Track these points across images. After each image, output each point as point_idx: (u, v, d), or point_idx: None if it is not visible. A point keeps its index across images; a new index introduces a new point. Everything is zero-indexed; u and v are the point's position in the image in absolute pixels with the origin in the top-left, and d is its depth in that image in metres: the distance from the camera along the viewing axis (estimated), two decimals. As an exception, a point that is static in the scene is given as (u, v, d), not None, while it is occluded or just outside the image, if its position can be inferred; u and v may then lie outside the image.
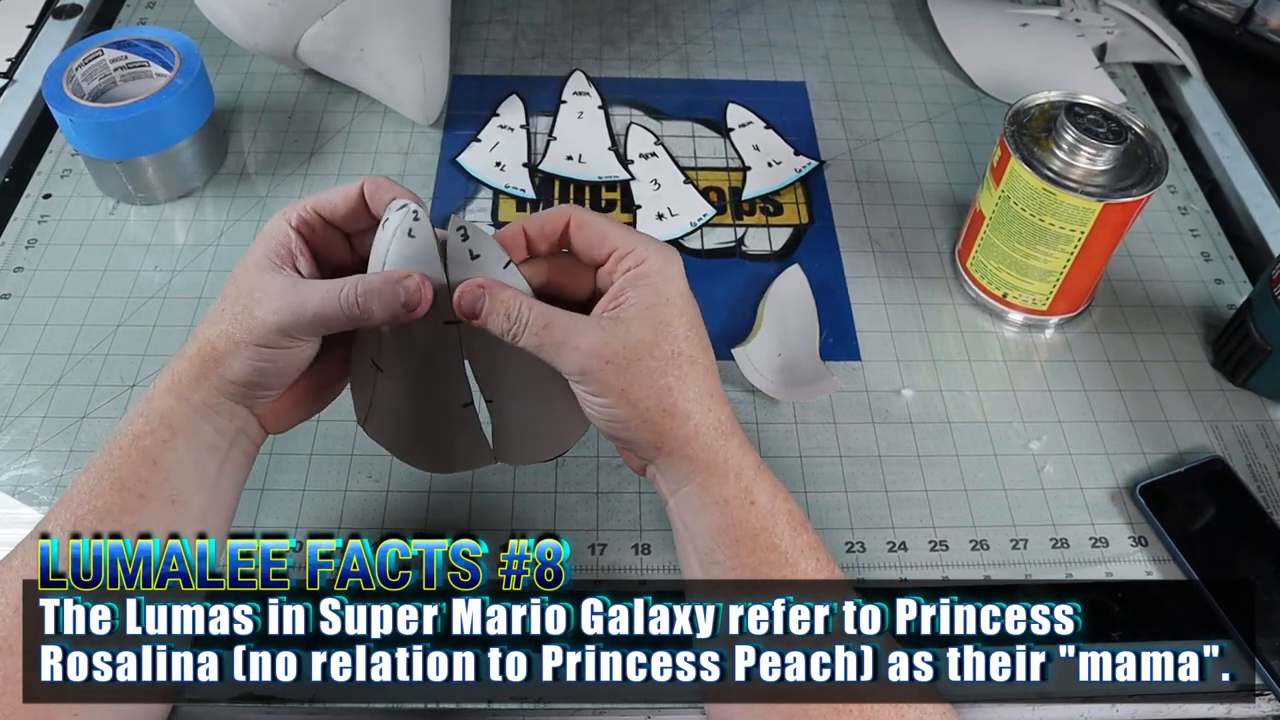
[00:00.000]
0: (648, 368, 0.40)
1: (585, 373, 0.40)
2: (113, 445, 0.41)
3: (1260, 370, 0.59)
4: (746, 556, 0.40)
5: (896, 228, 0.69)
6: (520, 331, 0.40)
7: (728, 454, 0.41)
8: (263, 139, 0.73)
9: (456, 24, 0.80)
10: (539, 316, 0.40)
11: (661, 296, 0.41)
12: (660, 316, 0.40)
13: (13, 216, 0.67)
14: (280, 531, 0.42)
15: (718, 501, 0.41)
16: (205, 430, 0.42)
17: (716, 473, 0.41)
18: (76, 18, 0.81)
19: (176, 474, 0.41)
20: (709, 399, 0.41)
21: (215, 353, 0.41)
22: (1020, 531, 0.54)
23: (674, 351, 0.40)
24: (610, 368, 0.39)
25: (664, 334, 0.40)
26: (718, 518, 0.41)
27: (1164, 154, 0.58)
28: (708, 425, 0.41)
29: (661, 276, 0.41)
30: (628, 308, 0.40)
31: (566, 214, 0.43)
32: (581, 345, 0.40)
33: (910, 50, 0.83)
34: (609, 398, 0.40)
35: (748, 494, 0.41)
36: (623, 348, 0.40)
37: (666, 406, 0.40)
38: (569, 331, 0.40)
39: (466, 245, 0.41)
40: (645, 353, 0.40)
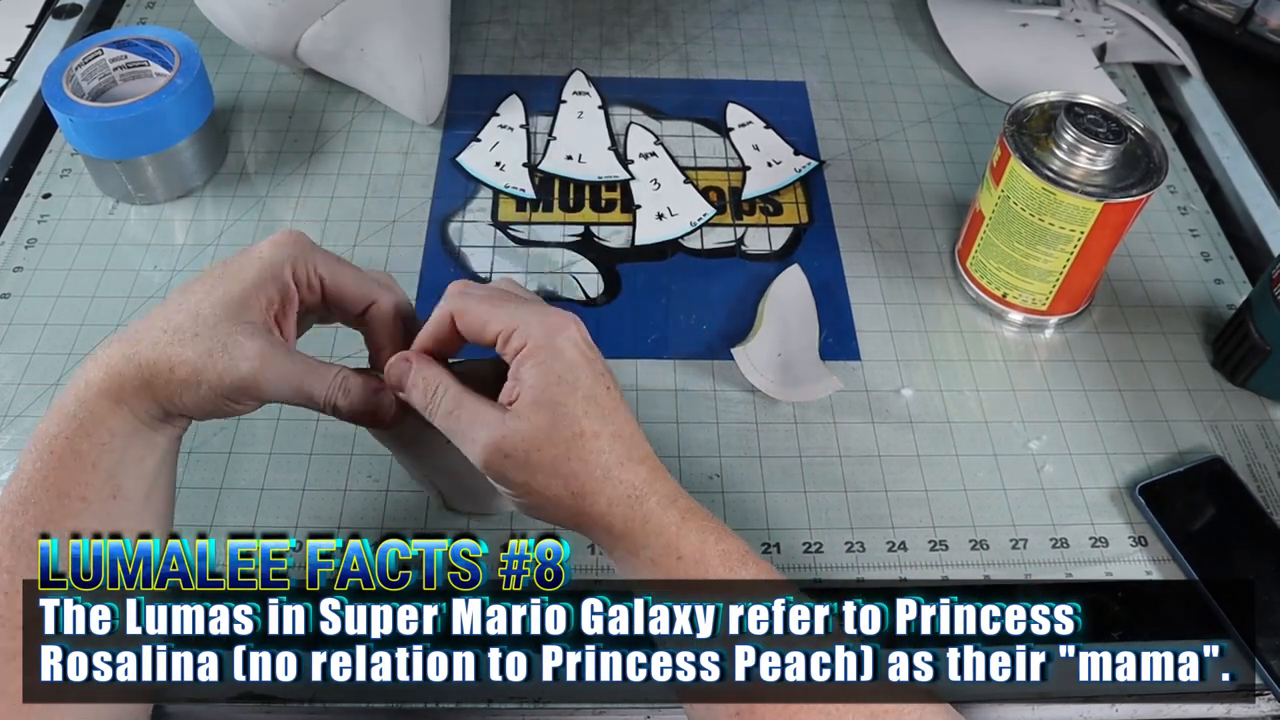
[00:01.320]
0: (549, 457, 0.39)
1: (487, 465, 0.40)
2: (43, 449, 0.40)
3: (1260, 370, 0.59)
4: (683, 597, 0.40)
5: (896, 228, 0.69)
6: (435, 411, 0.41)
7: (645, 518, 0.40)
8: (263, 139, 0.73)
9: (456, 24, 0.80)
10: (450, 400, 0.41)
11: (552, 375, 0.40)
12: (553, 398, 0.39)
13: (12, 216, 0.67)
14: (280, 531, 0.42)
15: (644, 562, 0.41)
16: (143, 431, 0.41)
17: (636, 539, 0.40)
18: (76, 17, 0.81)
19: (118, 472, 0.40)
20: (617, 469, 0.40)
21: (173, 376, 0.40)
22: (1020, 531, 0.54)
23: (572, 434, 0.40)
24: (510, 462, 0.39)
25: (560, 417, 0.39)
26: (649, 573, 0.41)
27: (1164, 154, 0.58)
28: (619, 496, 0.40)
29: (548, 352, 0.40)
30: (523, 394, 0.40)
31: (447, 311, 0.42)
32: (480, 440, 0.40)
33: (910, 50, 0.83)
34: (514, 488, 0.40)
35: (672, 550, 0.40)
36: (520, 441, 0.39)
37: (574, 489, 0.40)
38: (471, 423, 0.40)
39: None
40: (544, 442, 0.39)
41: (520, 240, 0.67)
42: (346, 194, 0.69)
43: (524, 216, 0.69)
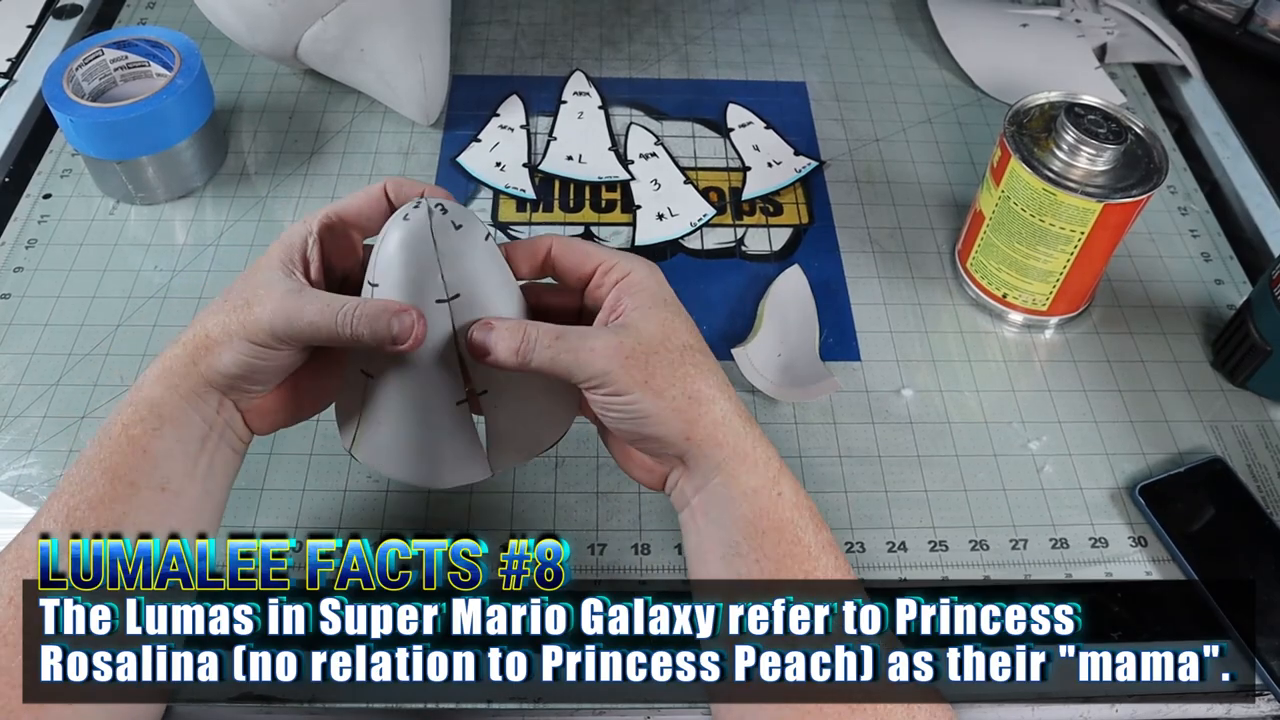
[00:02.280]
0: (666, 359, 0.40)
1: (607, 372, 0.40)
2: (103, 435, 0.41)
3: (1260, 370, 0.59)
4: (772, 548, 0.40)
5: (896, 228, 0.69)
6: (531, 349, 0.40)
7: (754, 441, 0.41)
8: (263, 139, 0.73)
9: (456, 24, 0.80)
10: (548, 330, 0.41)
11: (658, 300, 0.42)
12: (662, 317, 0.41)
13: (13, 216, 0.67)
14: (280, 531, 0.42)
15: (746, 492, 0.41)
16: (193, 419, 0.42)
17: (746, 460, 0.41)
18: (76, 18, 0.81)
19: (166, 462, 0.41)
20: (726, 387, 0.42)
21: (209, 341, 0.41)
22: (1020, 531, 0.54)
23: (685, 344, 0.41)
24: (631, 362, 0.40)
25: (671, 331, 0.41)
26: (745, 509, 0.41)
27: (1164, 154, 0.58)
28: (733, 411, 0.41)
29: (653, 282, 0.43)
30: (629, 313, 0.41)
31: (548, 241, 0.44)
32: (598, 346, 0.40)
33: (910, 50, 0.83)
34: (634, 393, 0.40)
35: (775, 484, 0.41)
36: (637, 343, 0.40)
37: (692, 393, 0.41)
38: (583, 337, 0.40)
39: (448, 218, 0.41)
40: (660, 345, 0.41)
41: (520, 240, 0.67)
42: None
43: (524, 217, 0.69)
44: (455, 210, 0.42)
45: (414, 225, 0.41)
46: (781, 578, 0.40)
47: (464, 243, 0.42)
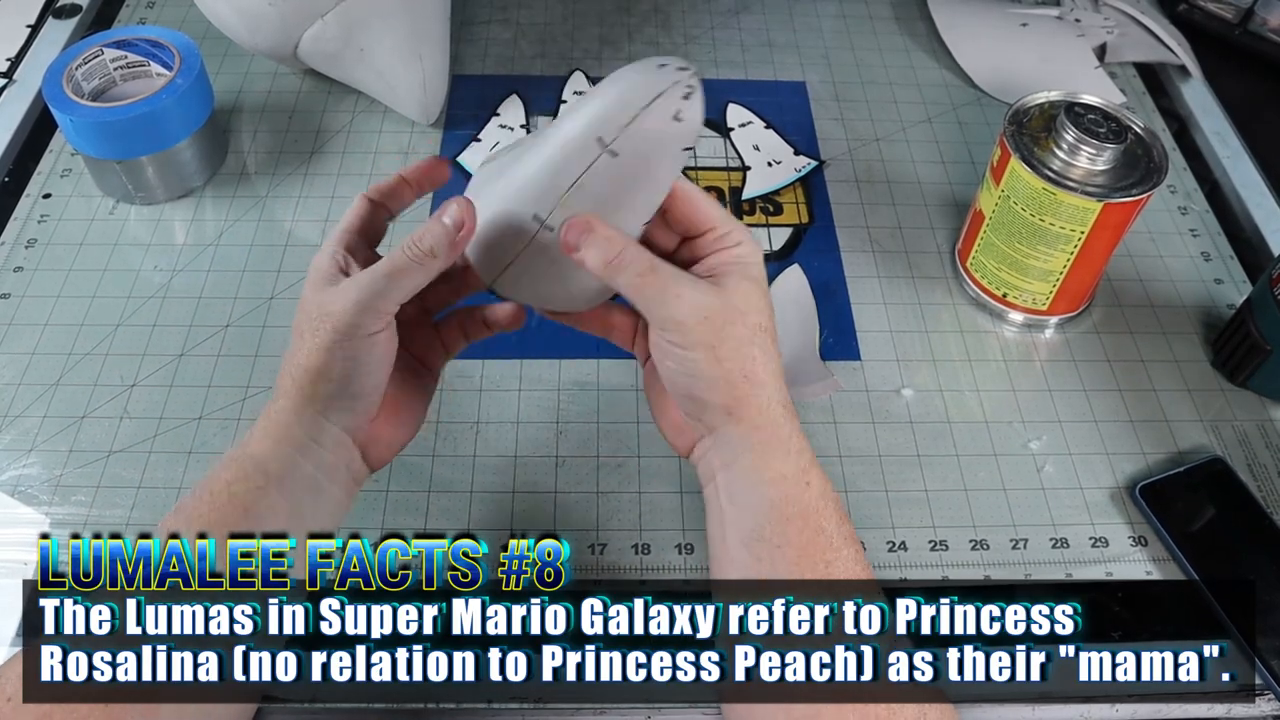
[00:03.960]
0: (738, 333, 0.41)
1: (681, 323, 0.41)
2: (203, 490, 0.41)
3: (1260, 370, 0.59)
4: (795, 535, 0.40)
5: (896, 228, 0.69)
6: (621, 268, 0.40)
7: (791, 431, 0.42)
8: (263, 139, 0.73)
9: (456, 24, 0.80)
10: (645, 258, 0.41)
11: (753, 277, 0.43)
12: (752, 291, 0.42)
13: (12, 216, 0.67)
14: (281, 531, 0.42)
15: (774, 477, 0.41)
16: (305, 469, 0.42)
17: (779, 446, 0.42)
18: (76, 17, 0.81)
19: (267, 518, 0.41)
20: (779, 377, 0.43)
21: (310, 373, 0.41)
22: (1020, 531, 0.54)
23: (760, 325, 0.42)
24: (707, 323, 0.41)
25: (754, 308, 0.42)
26: (773, 493, 0.41)
27: (1164, 154, 0.58)
28: (778, 400, 0.42)
29: (753, 257, 0.43)
30: (724, 277, 0.42)
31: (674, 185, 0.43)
32: (684, 294, 0.41)
33: (910, 50, 0.83)
34: (698, 352, 0.41)
35: (805, 474, 0.42)
36: (720, 307, 0.41)
37: (748, 372, 0.41)
38: (674, 278, 0.41)
39: (686, 100, 0.41)
40: (739, 318, 0.41)
41: (520, 240, 0.67)
42: (347, 194, 0.69)
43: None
44: (695, 105, 0.41)
45: (650, 76, 0.40)
46: (802, 564, 0.40)
47: (665, 134, 0.41)
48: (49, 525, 0.52)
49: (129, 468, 0.54)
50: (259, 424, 0.42)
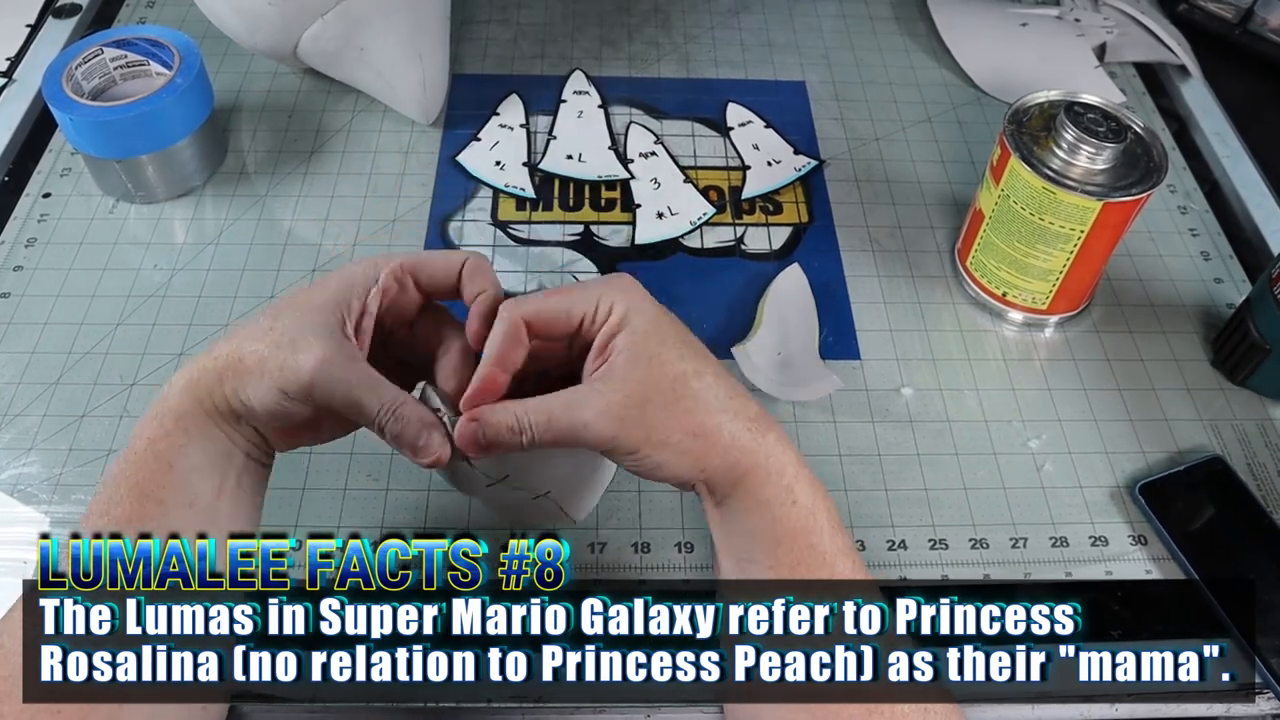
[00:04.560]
0: (659, 404, 0.40)
1: (609, 439, 0.40)
2: (128, 452, 0.41)
3: (1260, 369, 0.59)
4: (784, 556, 0.40)
5: (896, 227, 0.69)
6: (534, 435, 0.40)
7: (768, 451, 0.41)
8: (262, 138, 0.73)
9: (456, 23, 0.80)
10: (539, 414, 0.40)
11: (639, 332, 0.41)
12: (646, 350, 0.40)
13: (12, 215, 0.67)
14: (280, 531, 0.42)
15: (760, 502, 0.41)
16: (217, 435, 0.41)
17: (758, 474, 0.41)
18: (76, 17, 0.81)
19: (193, 477, 0.40)
20: (730, 401, 0.41)
21: (241, 365, 0.40)
22: (1020, 530, 0.54)
23: (675, 375, 0.40)
24: (626, 422, 0.39)
25: (658, 364, 0.40)
26: (757, 520, 0.41)
27: (1164, 153, 0.58)
28: (740, 428, 0.41)
29: (632, 313, 0.41)
30: (615, 357, 0.40)
31: (517, 316, 0.41)
32: (590, 419, 0.39)
33: (910, 50, 0.83)
34: (642, 449, 0.40)
35: (789, 493, 0.41)
36: (627, 398, 0.39)
37: (695, 429, 0.40)
38: (572, 410, 0.40)
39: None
40: (652, 390, 0.40)
41: (520, 239, 0.67)
42: (346, 193, 0.69)
43: (524, 216, 0.69)
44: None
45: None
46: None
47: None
48: (49, 525, 0.52)
49: (129, 467, 0.54)
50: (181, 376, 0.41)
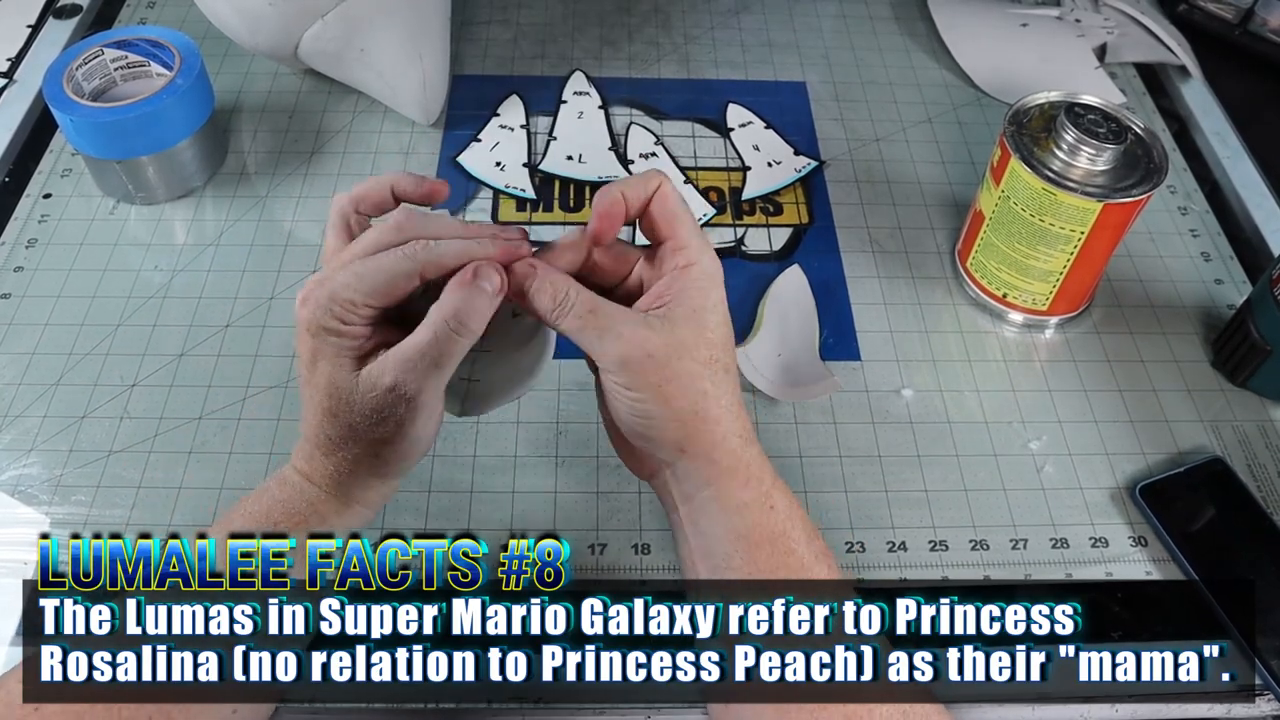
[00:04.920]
0: (687, 369, 0.40)
1: (625, 363, 0.39)
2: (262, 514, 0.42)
3: (1260, 370, 0.59)
4: (764, 560, 0.40)
5: (896, 228, 0.69)
6: (565, 313, 0.40)
7: (750, 460, 0.41)
8: (263, 139, 0.73)
9: (456, 24, 0.80)
10: (586, 300, 0.40)
11: (707, 301, 0.41)
12: (703, 320, 0.41)
13: (13, 216, 0.67)
14: (281, 531, 0.42)
15: (738, 506, 0.41)
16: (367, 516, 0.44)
17: (739, 477, 0.41)
18: (76, 17, 0.81)
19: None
20: (736, 407, 0.42)
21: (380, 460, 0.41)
22: (1020, 531, 0.54)
23: (712, 357, 0.40)
24: (651, 362, 0.39)
25: (704, 338, 0.40)
26: (737, 522, 0.41)
27: (1164, 154, 0.58)
28: (734, 432, 0.41)
29: (709, 281, 0.41)
30: (673, 306, 0.40)
31: (658, 181, 0.42)
32: (625, 334, 0.39)
33: (910, 50, 0.83)
34: (644, 393, 0.40)
35: (768, 498, 0.41)
36: (665, 344, 0.39)
37: (699, 410, 0.40)
38: (615, 319, 0.40)
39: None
40: (687, 353, 0.40)
41: (520, 240, 0.67)
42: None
43: (524, 216, 0.69)
44: None
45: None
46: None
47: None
48: (49, 525, 0.52)
49: (129, 468, 0.54)
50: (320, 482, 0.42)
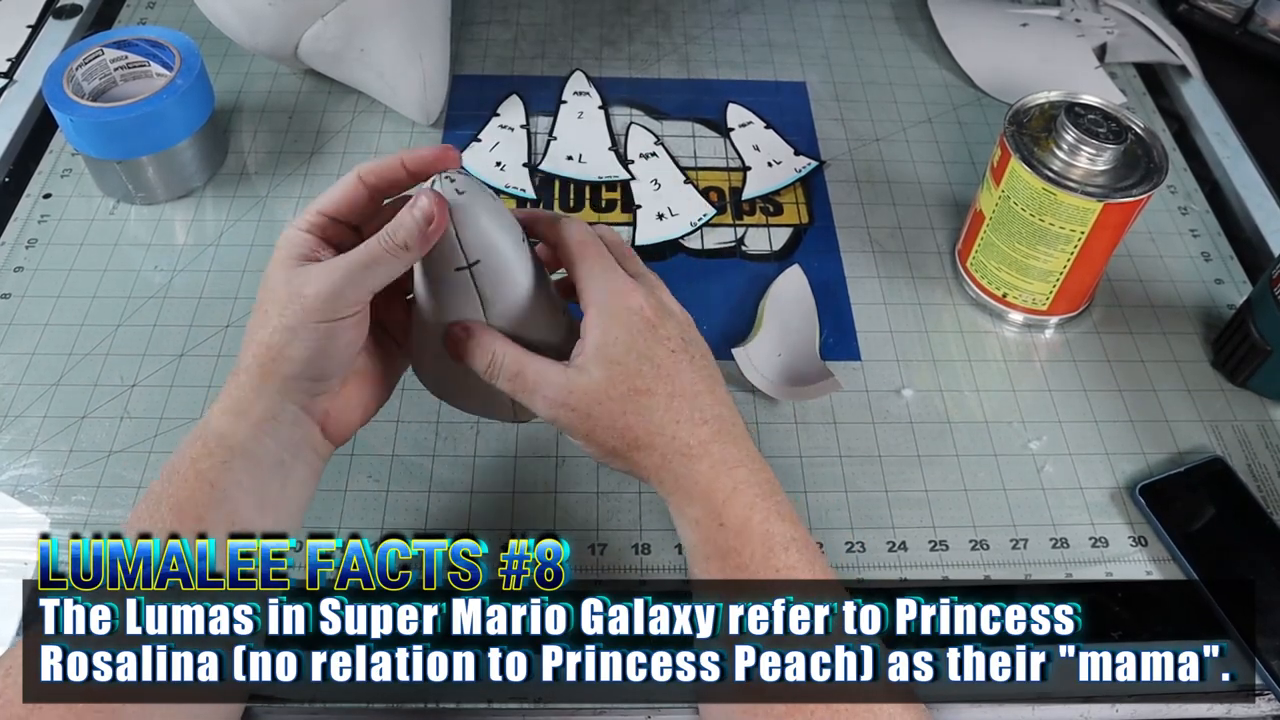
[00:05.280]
0: (607, 411, 0.42)
1: (554, 419, 0.43)
2: (169, 470, 0.41)
3: (1260, 370, 0.59)
4: (715, 572, 0.42)
5: (896, 228, 0.69)
6: (496, 374, 0.43)
7: (694, 478, 0.42)
8: (263, 139, 0.73)
9: (456, 24, 0.80)
10: (512, 364, 0.43)
11: (610, 336, 0.42)
12: (610, 356, 0.42)
13: (13, 216, 0.67)
14: (280, 531, 0.42)
15: (689, 520, 0.42)
16: (267, 445, 0.41)
17: (684, 496, 0.42)
18: (77, 18, 0.81)
19: (234, 494, 0.40)
20: (673, 426, 0.42)
21: (272, 350, 0.41)
22: (1020, 531, 0.54)
23: (628, 390, 0.42)
24: (574, 415, 0.42)
25: (616, 374, 0.42)
26: (690, 534, 0.43)
27: (1164, 154, 0.58)
28: (675, 452, 0.42)
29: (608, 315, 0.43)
30: (585, 351, 0.43)
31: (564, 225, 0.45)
32: (547, 394, 0.42)
33: (910, 50, 0.83)
34: (578, 439, 0.43)
35: (716, 517, 0.42)
36: (582, 393, 0.42)
37: (630, 441, 0.42)
38: (538, 380, 0.43)
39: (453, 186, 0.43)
40: (602, 396, 0.42)
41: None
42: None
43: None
44: (461, 180, 0.43)
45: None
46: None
47: (474, 208, 0.42)
48: (49, 525, 0.52)
49: (129, 468, 0.54)
50: (221, 400, 0.42)
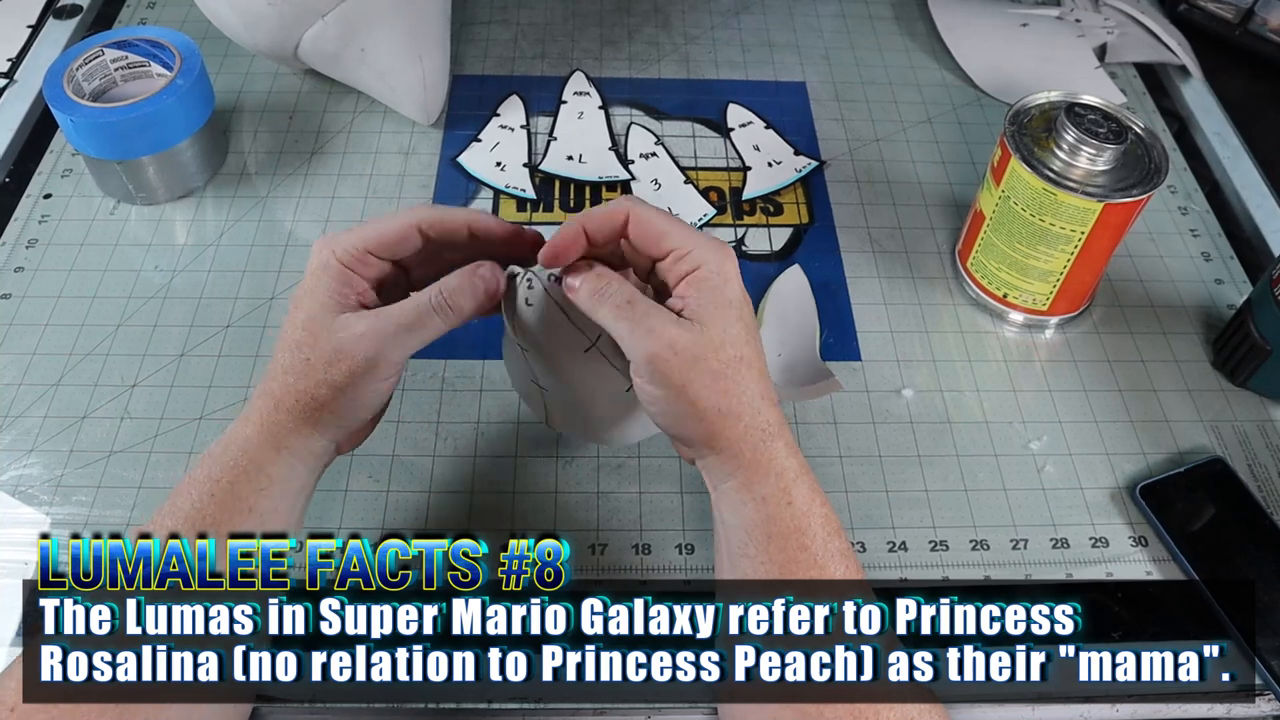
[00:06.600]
0: (710, 368, 0.41)
1: (652, 360, 0.41)
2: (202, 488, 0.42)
3: (1260, 370, 0.59)
4: (776, 554, 0.41)
5: (896, 228, 0.69)
6: (603, 300, 0.42)
7: (771, 455, 0.42)
8: (263, 139, 0.73)
9: (456, 24, 0.80)
10: (625, 293, 0.42)
11: (724, 299, 0.42)
12: (724, 319, 0.41)
13: (13, 216, 0.67)
14: (280, 531, 0.42)
15: (756, 498, 0.41)
16: (298, 471, 0.44)
17: (759, 471, 0.42)
18: (77, 18, 0.81)
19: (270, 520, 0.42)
20: (760, 401, 0.42)
21: (317, 402, 0.42)
22: (1020, 531, 0.54)
23: (735, 355, 0.41)
24: (676, 362, 0.40)
25: (727, 337, 0.41)
26: (753, 513, 0.41)
27: (1164, 154, 0.58)
28: (757, 427, 0.42)
29: (721, 279, 0.42)
30: (697, 309, 0.41)
31: (625, 210, 0.43)
32: (657, 329, 0.41)
33: (910, 50, 0.83)
34: (669, 391, 0.41)
35: (786, 494, 0.41)
36: (691, 343, 0.41)
37: (723, 407, 0.41)
38: (649, 314, 0.41)
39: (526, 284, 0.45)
40: (711, 353, 0.41)
41: (520, 240, 0.67)
42: (347, 194, 0.69)
43: (524, 217, 0.69)
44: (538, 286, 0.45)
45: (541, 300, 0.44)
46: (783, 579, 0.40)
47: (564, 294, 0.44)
48: (49, 525, 0.52)
49: (129, 468, 0.54)
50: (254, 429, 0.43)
